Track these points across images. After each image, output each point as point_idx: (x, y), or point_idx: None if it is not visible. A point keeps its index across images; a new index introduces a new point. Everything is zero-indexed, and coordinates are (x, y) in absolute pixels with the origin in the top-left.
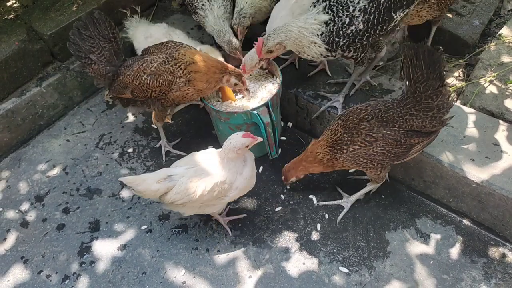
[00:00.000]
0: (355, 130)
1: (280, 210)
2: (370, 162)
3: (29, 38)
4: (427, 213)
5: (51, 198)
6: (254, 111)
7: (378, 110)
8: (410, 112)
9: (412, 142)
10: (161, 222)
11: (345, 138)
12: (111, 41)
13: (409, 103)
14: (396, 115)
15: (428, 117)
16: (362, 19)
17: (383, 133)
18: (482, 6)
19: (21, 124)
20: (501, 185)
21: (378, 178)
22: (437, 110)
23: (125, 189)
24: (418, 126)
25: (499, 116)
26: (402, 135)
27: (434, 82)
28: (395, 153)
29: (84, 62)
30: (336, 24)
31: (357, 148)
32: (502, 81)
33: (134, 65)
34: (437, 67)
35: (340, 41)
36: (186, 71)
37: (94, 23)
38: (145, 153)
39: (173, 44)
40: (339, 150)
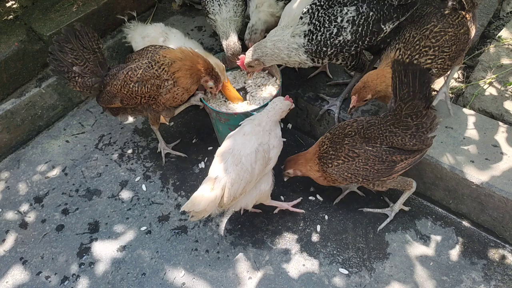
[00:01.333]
0: (339, 145)
1: (280, 212)
2: (355, 177)
3: (28, 38)
4: (427, 215)
5: (51, 199)
6: (254, 112)
7: (361, 127)
8: (389, 129)
9: (395, 159)
10: (160, 223)
11: (330, 151)
12: (95, 52)
13: (389, 120)
14: (377, 131)
15: (407, 135)
16: (351, 30)
17: (365, 149)
18: (482, 8)
19: (20, 125)
20: (501, 186)
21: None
22: (415, 129)
23: (124, 190)
24: (398, 144)
25: (499, 118)
26: (383, 151)
27: (420, 102)
28: (378, 169)
29: (67, 76)
30: (324, 34)
31: (340, 163)
32: (502, 83)
33: (120, 74)
34: (425, 88)
35: (327, 51)
36: (170, 72)
37: (75, 35)
38: (144, 154)
39: (153, 48)
40: (325, 164)
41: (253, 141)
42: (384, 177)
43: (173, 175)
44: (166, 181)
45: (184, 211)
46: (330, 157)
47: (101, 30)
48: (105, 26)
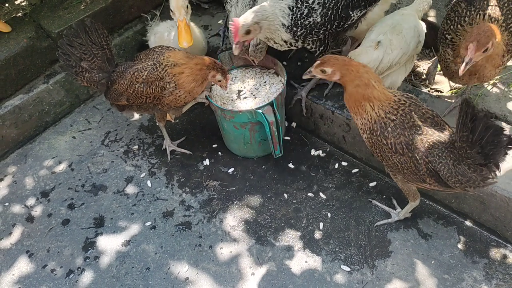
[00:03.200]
0: (401, 128)
1: (283, 209)
2: (381, 158)
3: (37, 35)
4: (429, 214)
5: (57, 194)
6: (259, 110)
7: (431, 133)
8: (447, 160)
9: (426, 180)
10: (165, 219)
11: (390, 123)
12: (103, 48)
13: (452, 153)
14: (437, 151)
15: (456, 177)
16: (320, 12)
17: (413, 155)
18: None
19: (28, 120)
20: (503, 186)
21: (404, 190)
22: (467, 180)
23: (130, 185)
24: (443, 176)
25: (502, 119)
26: (425, 168)
27: (478, 157)
28: (405, 173)
29: (75, 70)
30: (295, 13)
31: (384, 143)
32: (505, 84)
33: (126, 73)
34: (489, 147)
35: (297, 31)
36: (171, 74)
37: (85, 31)
38: (150, 151)
39: (159, 49)
40: (374, 131)
41: (411, 19)
42: (404, 180)
43: (178, 171)
44: (171, 178)
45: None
46: (384, 132)
47: (108, 28)
48: (113, 24)
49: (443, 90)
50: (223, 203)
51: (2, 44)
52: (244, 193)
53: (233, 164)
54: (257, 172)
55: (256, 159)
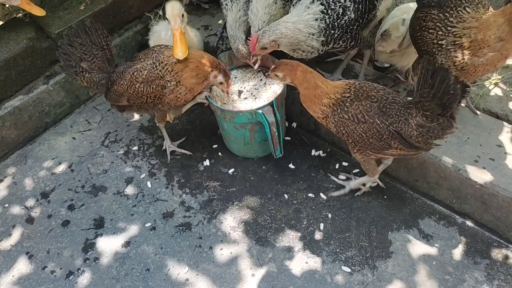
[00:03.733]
0: (357, 101)
1: (283, 210)
2: (347, 135)
3: (37, 36)
4: (430, 214)
5: (57, 195)
6: (259, 110)
7: (385, 99)
8: (406, 117)
9: (391, 144)
10: (165, 220)
11: (347, 103)
12: (103, 49)
13: (410, 108)
14: (394, 111)
15: (417, 131)
16: (353, 8)
17: (374, 121)
18: None
19: (27, 121)
20: (505, 186)
21: (364, 165)
22: (426, 130)
23: (129, 186)
24: (405, 134)
25: (504, 118)
26: (388, 131)
27: (437, 108)
28: (371, 142)
29: (75, 71)
30: (331, 16)
31: (345, 118)
32: (507, 84)
33: (126, 74)
34: (446, 97)
35: (335, 33)
36: (173, 72)
37: (86, 31)
38: (150, 152)
39: (158, 48)
40: (335, 111)
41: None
42: (371, 151)
43: (178, 172)
44: (171, 178)
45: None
46: (344, 107)
47: (109, 28)
48: (113, 24)
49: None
50: (223, 204)
51: (2, 45)
52: (244, 193)
53: (233, 164)
54: (257, 172)
55: (257, 160)
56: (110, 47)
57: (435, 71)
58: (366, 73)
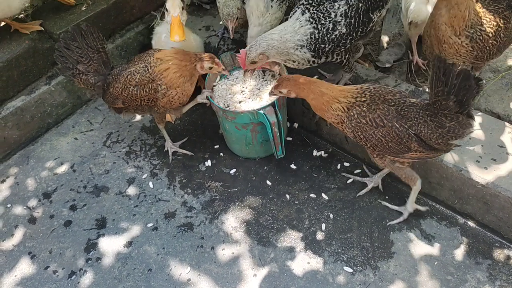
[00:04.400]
0: (374, 105)
1: (285, 210)
2: (365, 139)
3: (39, 37)
4: (432, 215)
5: (59, 195)
6: (260, 110)
7: (403, 102)
8: (425, 119)
9: (411, 147)
10: (167, 220)
11: (363, 107)
12: (99, 52)
13: (428, 110)
14: (413, 114)
15: (437, 132)
16: (344, 23)
17: (393, 124)
18: None
19: (30, 122)
20: (507, 187)
21: (400, 174)
22: (447, 131)
23: (131, 187)
24: (425, 136)
25: (505, 119)
26: (407, 134)
27: (454, 105)
28: (390, 146)
29: (72, 73)
30: (321, 31)
31: (363, 123)
32: (509, 84)
33: (121, 77)
34: (462, 93)
35: (325, 47)
36: (159, 73)
37: (81, 34)
38: (151, 152)
39: (152, 51)
40: (351, 115)
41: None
42: (390, 155)
43: (180, 172)
44: (172, 179)
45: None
46: (361, 112)
47: (110, 29)
48: (114, 25)
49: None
50: (225, 204)
51: (4, 46)
52: (246, 194)
53: (235, 165)
54: (259, 173)
55: (258, 160)
56: (106, 50)
57: (447, 68)
58: (368, 74)
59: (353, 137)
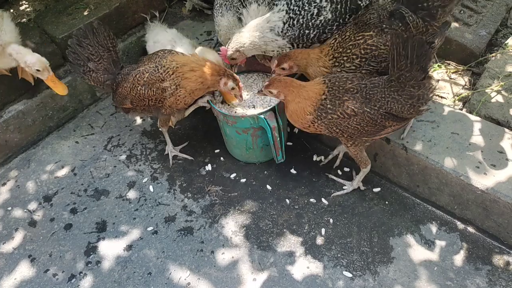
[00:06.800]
0: (339, 100)
1: (285, 214)
2: (341, 132)
3: (41, 41)
4: (432, 220)
5: (59, 198)
6: (261, 115)
7: (364, 86)
8: (392, 95)
9: (386, 124)
10: (167, 224)
11: (327, 104)
12: (109, 50)
13: (393, 86)
14: (379, 95)
15: (407, 104)
16: (330, 8)
17: (364, 110)
18: (489, 16)
19: (31, 125)
20: (506, 192)
21: (357, 157)
22: (417, 99)
23: (132, 190)
24: (397, 111)
25: (505, 125)
26: (380, 115)
27: (418, 73)
28: (367, 130)
29: (83, 70)
30: (305, 16)
31: (335, 118)
32: (509, 91)
33: (130, 76)
34: (422, 59)
35: (310, 33)
36: (174, 75)
37: (93, 32)
38: (152, 156)
39: (162, 53)
40: (320, 115)
41: None
42: (367, 137)
43: (180, 176)
44: (173, 183)
45: None
46: (327, 110)
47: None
48: (116, 29)
49: (447, 97)
50: (225, 208)
51: None
52: (246, 198)
53: (235, 169)
54: (259, 177)
55: (258, 165)
56: (116, 49)
57: (405, 41)
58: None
59: (329, 133)
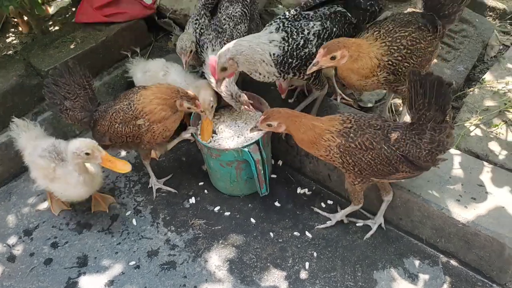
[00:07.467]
0: (361, 130)
1: (269, 248)
2: (353, 164)
3: (27, 73)
4: (415, 253)
5: (40, 232)
6: (245, 148)
7: (388, 125)
8: (412, 138)
9: (399, 168)
10: (149, 258)
11: (351, 132)
12: (86, 88)
13: (414, 129)
14: (400, 136)
15: (426, 149)
16: (316, 43)
17: (382, 146)
18: (466, 52)
19: (14, 157)
20: (486, 225)
21: (353, 194)
22: (436, 145)
23: (115, 224)
24: (414, 156)
25: (484, 158)
26: (396, 156)
27: (437, 114)
28: (379, 168)
29: (59, 108)
30: (291, 44)
31: (352, 147)
32: (487, 125)
33: (107, 114)
34: (441, 99)
35: (293, 62)
36: (143, 112)
37: (69, 71)
38: (136, 189)
39: (136, 88)
40: (340, 142)
41: None
42: (376, 178)
43: (164, 210)
44: (156, 216)
45: None
46: (348, 138)
47: (98, 66)
48: (102, 62)
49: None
50: (208, 242)
51: None
52: (230, 232)
53: (219, 202)
54: (243, 210)
55: (243, 197)
56: (92, 87)
57: (422, 79)
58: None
59: (341, 163)
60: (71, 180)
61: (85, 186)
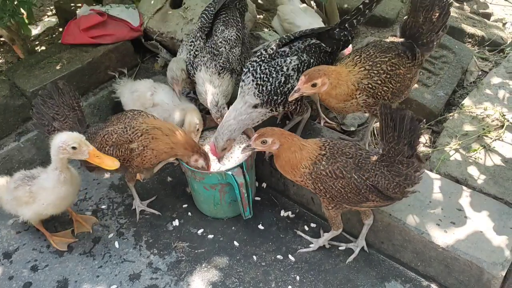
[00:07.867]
0: (333, 159)
1: (252, 272)
2: (324, 191)
3: (11, 94)
4: (396, 277)
5: (20, 255)
6: (229, 171)
7: (360, 154)
8: (381, 170)
9: (369, 197)
10: (131, 281)
11: (322, 160)
12: (75, 109)
13: (384, 161)
14: (370, 166)
15: (394, 182)
16: (296, 77)
17: (352, 176)
18: (446, 77)
19: None
20: (465, 250)
21: (331, 219)
22: (404, 179)
23: (97, 246)
24: (382, 187)
25: (463, 183)
26: (365, 186)
27: (405, 148)
28: (350, 197)
29: (47, 129)
30: (273, 83)
31: (323, 175)
32: (466, 149)
33: (97, 136)
34: (410, 134)
35: (278, 99)
36: (143, 137)
37: (58, 92)
38: (119, 210)
39: (131, 113)
40: (313, 170)
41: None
42: (347, 205)
43: (147, 232)
44: (139, 238)
45: None
46: (320, 166)
47: (84, 87)
48: (88, 84)
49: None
50: (191, 265)
51: None
52: (213, 255)
53: (202, 225)
54: (226, 233)
55: (226, 220)
56: (81, 108)
57: (393, 113)
58: (333, 136)
59: (313, 189)
60: (49, 184)
61: (65, 185)
